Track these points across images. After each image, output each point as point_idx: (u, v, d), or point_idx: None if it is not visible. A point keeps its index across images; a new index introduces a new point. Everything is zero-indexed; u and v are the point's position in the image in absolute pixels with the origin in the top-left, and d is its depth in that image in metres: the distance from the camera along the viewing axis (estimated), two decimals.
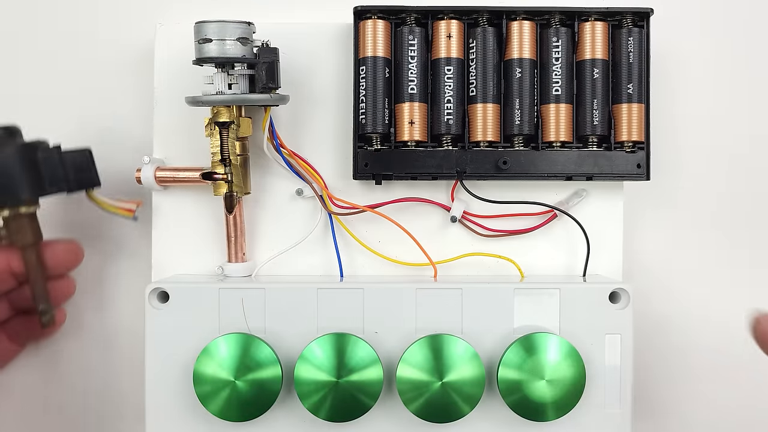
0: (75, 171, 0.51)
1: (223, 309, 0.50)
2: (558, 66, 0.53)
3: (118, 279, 0.58)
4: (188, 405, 0.50)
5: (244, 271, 0.54)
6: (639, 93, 0.53)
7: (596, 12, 0.53)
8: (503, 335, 0.50)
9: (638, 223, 0.58)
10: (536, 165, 0.54)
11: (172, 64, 0.54)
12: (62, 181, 0.50)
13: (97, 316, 0.58)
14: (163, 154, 0.55)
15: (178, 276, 0.54)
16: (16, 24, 0.58)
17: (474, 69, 0.53)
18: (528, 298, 0.50)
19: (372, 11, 0.53)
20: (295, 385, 0.48)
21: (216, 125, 0.52)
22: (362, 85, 0.53)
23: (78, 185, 0.51)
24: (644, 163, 0.54)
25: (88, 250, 0.58)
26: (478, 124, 0.53)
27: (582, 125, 0.54)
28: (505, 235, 0.55)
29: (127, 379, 0.58)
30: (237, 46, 0.50)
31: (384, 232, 0.55)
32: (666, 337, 0.59)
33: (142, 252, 0.57)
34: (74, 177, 0.50)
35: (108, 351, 0.58)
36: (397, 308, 0.50)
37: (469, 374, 0.48)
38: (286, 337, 0.50)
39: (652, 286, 0.58)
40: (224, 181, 0.52)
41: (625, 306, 0.50)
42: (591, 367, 0.50)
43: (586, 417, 0.50)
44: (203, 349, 0.49)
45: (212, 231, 0.55)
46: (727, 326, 0.59)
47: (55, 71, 0.58)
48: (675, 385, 0.59)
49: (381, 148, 0.53)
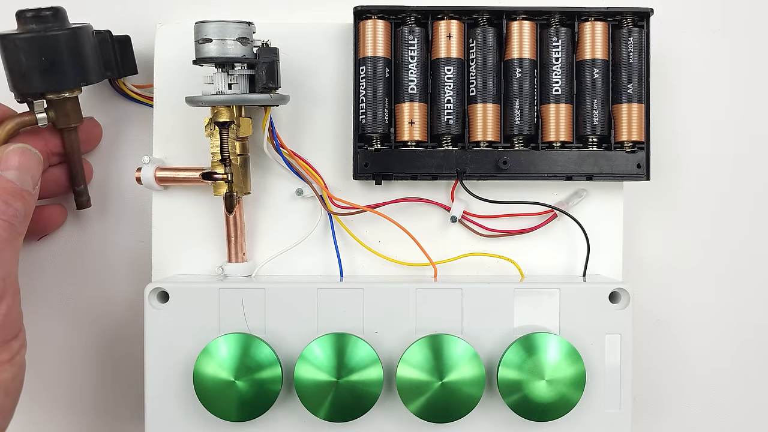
0: (120, 57, 0.52)
1: (223, 309, 0.50)
2: (558, 66, 0.53)
3: (118, 279, 0.58)
4: (188, 405, 0.50)
5: (244, 271, 0.54)
6: (639, 93, 0.53)
7: (596, 12, 0.53)
8: (503, 335, 0.50)
9: (638, 223, 0.58)
10: (536, 165, 0.54)
11: (172, 64, 0.54)
12: (113, 67, 0.52)
13: (97, 315, 0.58)
14: (163, 154, 0.55)
15: (178, 276, 0.54)
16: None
17: (474, 69, 0.53)
18: (528, 298, 0.50)
19: (372, 11, 0.53)
20: (295, 385, 0.48)
21: (216, 125, 0.52)
22: (362, 85, 0.53)
23: (122, 72, 0.53)
24: (644, 163, 0.54)
25: (88, 250, 0.58)
26: (478, 124, 0.53)
27: (582, 125, 0.54)
28: (505, 235, 0.55)
29: (127, 379, 0.58)
30: (237, 46, 0.50)
31: (384, 232, 0.55)
32: (666, 337, 0.59)
33: (142, 252, 0.57)
34: (120, 63, 0.52)
35: (108, 351, 0.58)
36: (397, 308, 0.50)
37: (469, 374, 0.48)
38: (286, 337, 0.50)
39: (652, 286, 0.58)
40: (224, 181, 0.52)
41: (625, 306, 0.50)
42: (591, 367, 0.50)
43: (586, 417, 0.50)
44: (203, 349, 0.49)
45: (212, 231, 0.55)
46: (727, 326, 0.59)
47: None
48: (675, 385, 0.59)
49: (381, 148, 0.53)
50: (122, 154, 0.57)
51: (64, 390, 0.58)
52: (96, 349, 0.58)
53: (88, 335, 0.58)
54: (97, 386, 0.58)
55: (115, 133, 0.58)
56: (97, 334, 0.58)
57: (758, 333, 0.59)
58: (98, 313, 0.58)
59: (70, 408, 0.58)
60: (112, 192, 0.58)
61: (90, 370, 0.58)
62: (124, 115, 0.57)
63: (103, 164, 0.58)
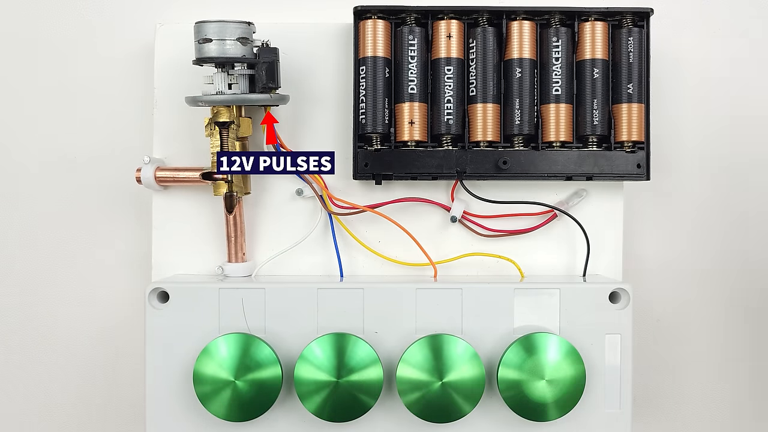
0: None
1: (223, 309, 0.50)
2: (558, 66, 0.53)
3: (118, 279, 0.58)
4: (188, 405, 0.50)
5: (244, 271, 0.54)
6: (639, 93, 0.53)
7: (596, 12, 0.53)
8: (503, 335, 0.50)
9: (638, 223, 0.58)
10: (536, 165, 0.54)
11: (172, 64, 0.54)
12: None
13: (97, 315, 0.58)
14: (163, 154, 0.55)
15: (178, 276, 0.54)
16: (16, 24, 0.58)
17: (474, 69, 0.53)
18: (528, 298, 0.50)
19: (372, 11, 0.53)
20: (295, 385, 0.48)
21: (216, 125, 0.52)
22: (362, 85, 0.53)
23: None
24: (644, 163, 0.54)
25: (88, 250, 0.58)
26: (478, 124, 0.53)
27: (582, 125, 0.54)
28: (505, 235, 0.55)
29: (127, 379, 0.58)
30: (237, 46, 0.50)
31: (384, 232, 0.55)
32: (666, 337, 0.59)
33: (142, 252, 0.57)
34: None
35: (108, 351, 0.58)
36: (397, 308, 0.50)
37: (469, 374, 0.48)
38: (286, 337, 0.50)
39: (652, 286, 0.58)
40: (224, 181, 0.52)
41: (625, 306, 0.50)
42: (591, 367, 0.50)
43: (586, 417, 0.50)
44: (203, 349, 0.49)
45: (212, 231, 0.55)
46: (727, 326, 0.59)
47: (56, 71, 0.58)
48: (675, 385, 0.59)
49: (381, 148, 0.53)
50: (122, 154, 0.57)
51: (64, 390, 0.58)
52: (96, 349, 0.58)
53: (88, 335, 0.58)
54: (97, 386, 0.58)
55: (115, 133, 0.58)
56: (97, 335, 0.58)
57: (758, 333, 0.59)
58: (98, 313, 0.58)
59: (70, 408, 0.58)
60: (112, 192, 0.58)
61: (90, 370, 0.58)
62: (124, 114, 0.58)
63: (103, 164, 0.58)
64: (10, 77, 0.58)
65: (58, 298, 0.58)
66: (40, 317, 0.58)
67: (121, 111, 0.57)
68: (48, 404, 0.58)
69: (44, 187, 0.58)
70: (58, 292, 0.58)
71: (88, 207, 0.58)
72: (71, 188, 0.58)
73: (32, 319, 0.58)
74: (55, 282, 0.58)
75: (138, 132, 0.57)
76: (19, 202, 0.58)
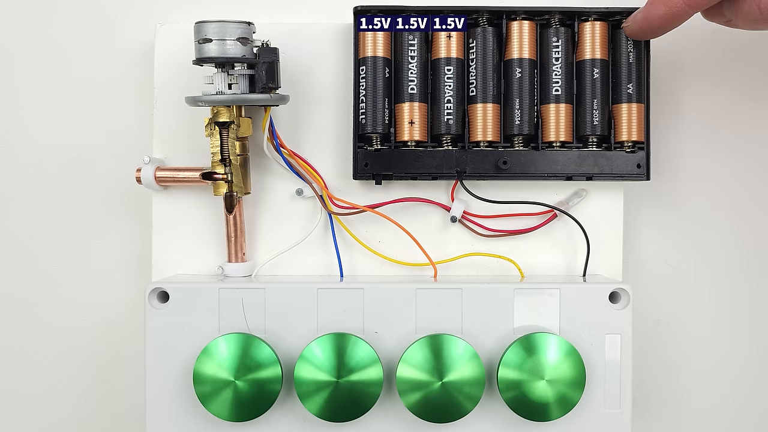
0: None
1: (223, 309, 0.50)
2: (558, 66, 0.53)
3: (118, 279, 0.58)
4: (188, 405, 0.50)
5: (244, 271, 0.54)
6: (639, 93, 0.53)
7: (596, 12, 0.53)
8: (503, 335, 0.50)
9: (638, 223, 0.58)
10: (536, 165, 0.54)
11: (172, 65, 0.54)
12: None
13: (97, 315, 0.58)
14: (163, 154, 0.55)
15: (178, 276, 0.54)
16: (16, 24, 0.58)
17: (474, 69, 0.53)
18: (528, 298, 0.50)
19: (372, 11, 0.53)
20: (295, 385, 0.48)
21: (216, 125, 0.52)
22: (362, 85, 0.53)
23: None
24: (644, 163, 0.54)
25: (87, 250, 0.58)
26: (478, 124, 0.53)
27: (582, 125, 0.54)
28: (505, 235, 0.55)
29: (127, 379, 0.58)
30: (237, 46, 0.50)
31: (384, 232, 0.55)
32: (666, 337, 0.59)
33: (142, 252, 0.57)
34: None
35: (108, 351, 0.58)
36: (397, 308, 0.50)
37: (469, 374, 0.48)
38: (286, 337, 0.50)
39: (652, 286, 0.58)
40: (224, 181, 0.52)
41: (625, 306, 0.50)
42: (591, 367, 0.50)
43: (586, 417, 0.50)
44: (203, 349, 0.49)
45: (212, 231, 0.55)
46: (727, 326, 0.59)
47: (56, 71, 0.58)
48: (675, 385, 0.59)
49: (381, 148, 0.53)
50: (122, 154, 0.57)
51: (64, 390, 0.58)
52: (96, 349, 0.58)
53: (88, 335, 0.58)
54: (97, 386, 0.58)
55: (115, 133, 0.58)
56: (97, 335, 0.58)
57: (758, 333, 0.59)
58: (98, 313, 0.58)
59: (70, 408, 0.58)
60: (112, 192, 0.58)
61: (90, 370, 0.58)
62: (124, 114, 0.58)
63: (103, 164, 0.58)
64: (10, 77, 0.58)
65: (57, 297, 0.58)
66: (40, 317, 0.58)
67: (121, 111, 0.57)
68: (48, 404, 0.58)
69: (44, 186, 0.58)
70: (57, 291, 0.58)
71: (88, 207, 0.58)
72: (71, 188, 0.58)
73: (32, 319, 0.58)
74: (54, 282, 0.58)
75: (138, 132, 0.57)
76: (19, 201, 0.58)
